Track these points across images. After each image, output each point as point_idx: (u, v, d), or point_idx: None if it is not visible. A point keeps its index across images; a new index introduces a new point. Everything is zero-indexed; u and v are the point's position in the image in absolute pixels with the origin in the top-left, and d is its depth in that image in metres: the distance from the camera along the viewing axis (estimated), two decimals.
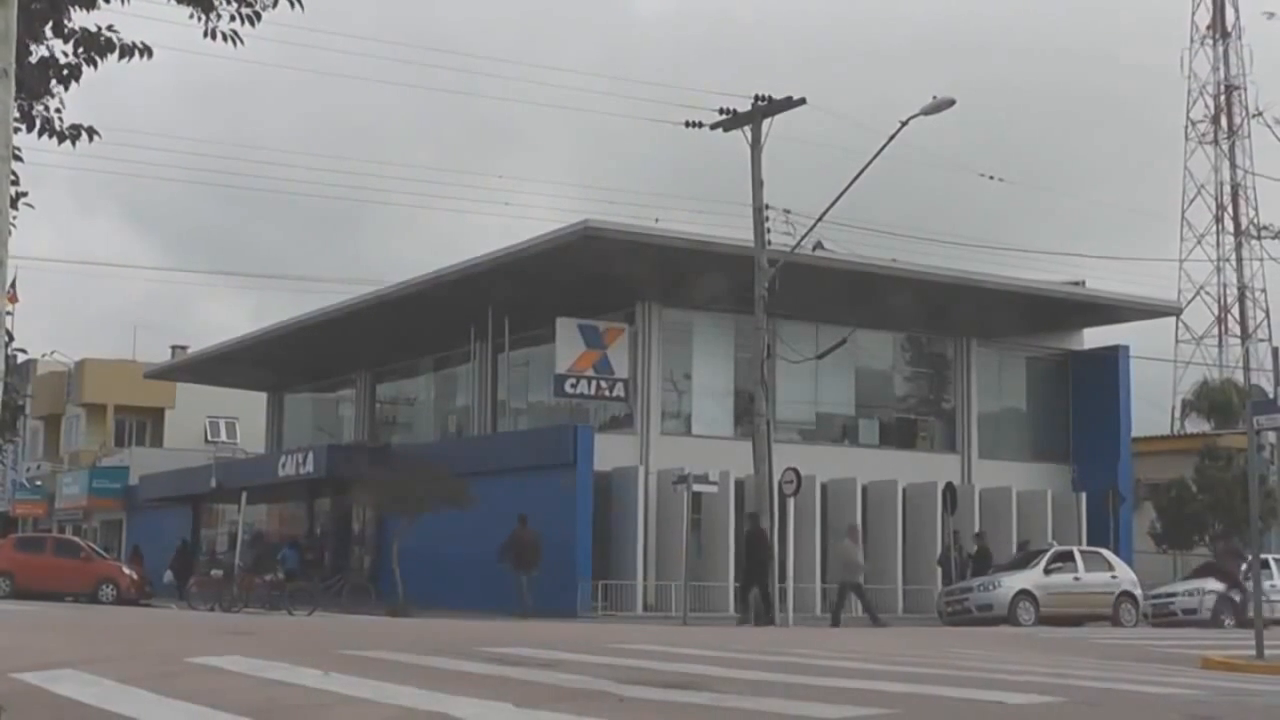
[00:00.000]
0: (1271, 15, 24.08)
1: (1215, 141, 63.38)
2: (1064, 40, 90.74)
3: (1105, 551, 31.90)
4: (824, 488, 34.20)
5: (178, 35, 10.69)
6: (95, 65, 9.42)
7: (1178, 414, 55.56)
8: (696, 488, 29.02)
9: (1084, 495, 37.35)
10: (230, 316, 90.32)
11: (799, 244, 27.77)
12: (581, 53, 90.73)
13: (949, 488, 34.33)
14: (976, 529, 33.62)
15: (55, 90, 9.51)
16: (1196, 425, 50.10)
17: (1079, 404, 39.65)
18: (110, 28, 9.39)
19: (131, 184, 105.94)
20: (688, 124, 27.97)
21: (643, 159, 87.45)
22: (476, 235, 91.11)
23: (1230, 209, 63.19)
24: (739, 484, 32.01)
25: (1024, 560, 30.76)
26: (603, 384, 33.29)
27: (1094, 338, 40.53)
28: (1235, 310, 62.70)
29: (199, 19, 9.45)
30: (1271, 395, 17.58)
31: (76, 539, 43.78)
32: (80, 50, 9.37)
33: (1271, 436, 36.28)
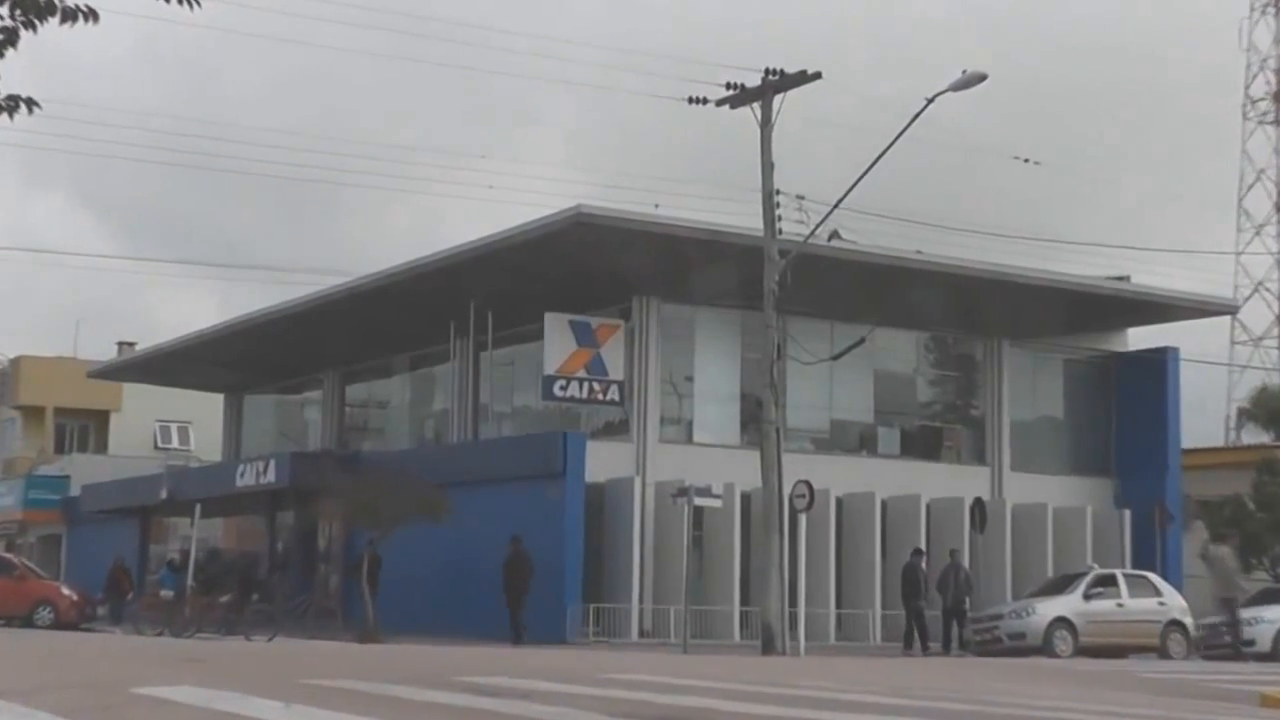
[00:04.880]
0: None
1: (1277, 121, 63.40)
2: (1111, 10, 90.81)
3: (1152, 576, 31.92)
4: (839, 502, 34.22)
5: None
6: (35, 29, 9.40)
7: (1232, 423, 55.62)
8: (698, 501, 29.04)
9: (1128, 513, 37.37)
10: (188, 310, 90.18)
11: (813, 233, 27.77)
12: (582, 22, 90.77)
13: (978, 503, 34.35)
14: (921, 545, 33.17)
15: None
16: (1254, 436, 50.08)
17: (1123, 412, 39.65)
18: None
19: (83, 162, 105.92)
20: (691, 100, 27.94)
21: (643, 139, 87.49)
22: (462, 221, 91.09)
23: None
24: (745, 498, 32.00)
25: (1060, 584, 30.77)
26: (595, 386, 33.29)
27: (1140, 338, 40.57)
28: None
29: None
30: None
31: (10, 556, 43.72)
32: (17, 12, 9.36)
33: None
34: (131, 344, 57.63)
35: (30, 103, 9.78)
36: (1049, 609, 29.18)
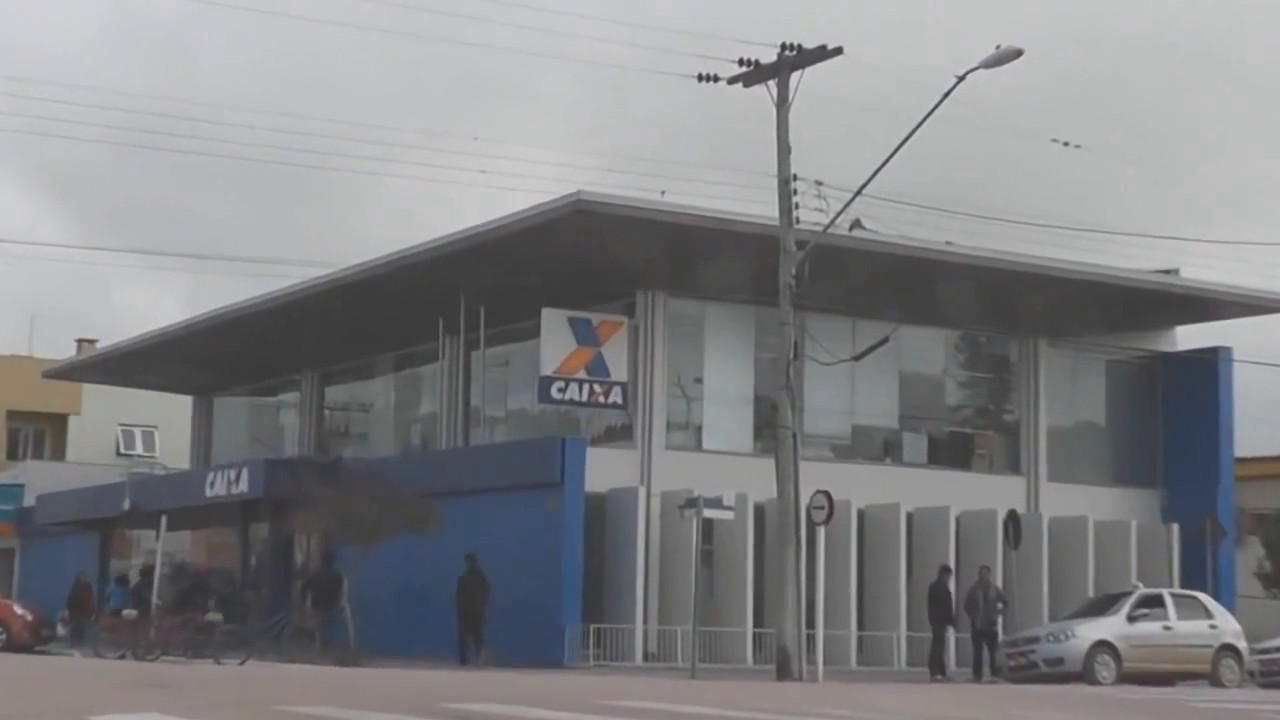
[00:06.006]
0: None
1: None
2: None
3: (1202, 596, 31.91)
4: (861, 514, 34.24)
5: None
6: None
7: None
8: (708, 513, 29.05)
9: (1176, 527, 37.35)
10: (154, 305, 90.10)
11: (833, 222, 27.77)
12: None
13: (1011, 516, 34.35)
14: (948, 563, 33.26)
15: None
16: None
17: (1171, 417, 39.63)
18: None
19: (39, 143, 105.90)
20: (701, 78, 27.97)
21: (649, 120, 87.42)
22: (452, 209, 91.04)
23: None
24: (759, 509, 32.02)
25: (1102, 605, 30.79)
26: (596, 388, 33.29)
27: (1189, 337, 40.54)
28: None
29: None
30: None
31: None
32: None
33: None
34: (92, 341, 57.61)
35: None
36: (1090, 632, 29.17)
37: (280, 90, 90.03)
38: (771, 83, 27.62)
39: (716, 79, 27.98)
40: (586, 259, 32.61)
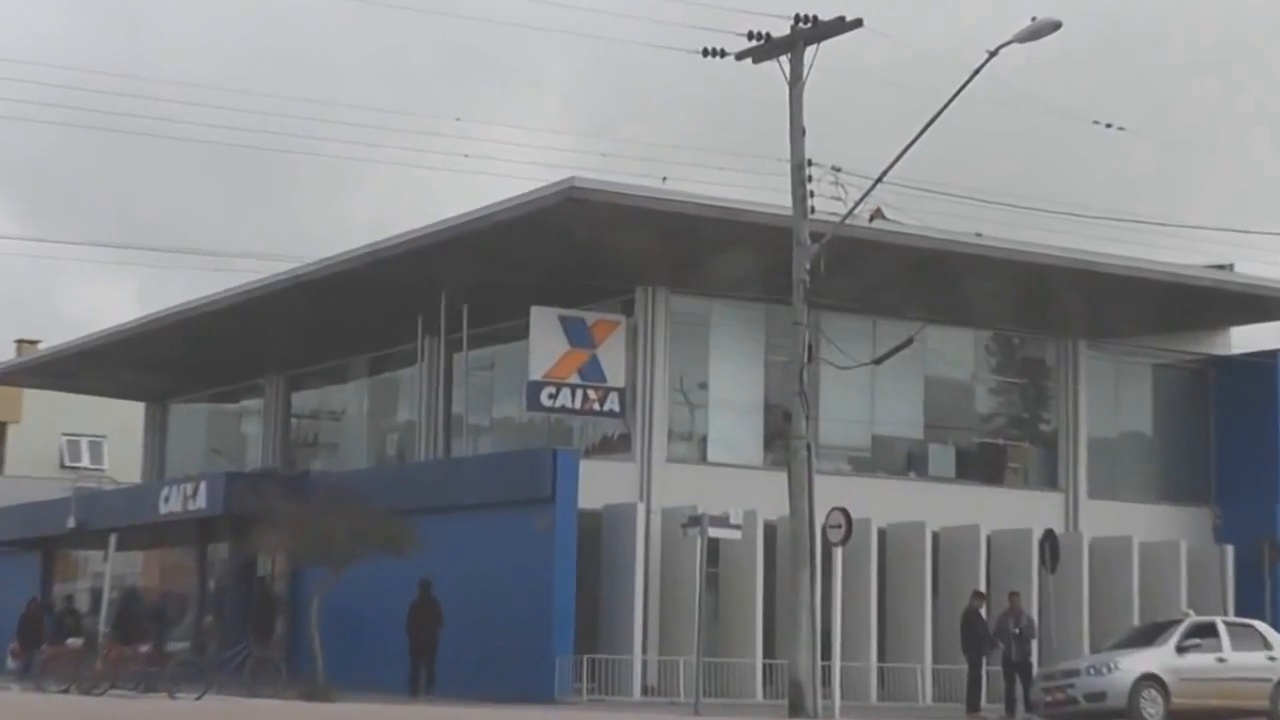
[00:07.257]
0: None
1: None
2: None
3: (1259, 624, 31.90)
4: (882, 534, 34.25)
5: None
6: None
7: None
8: (713, 532, 29.08)
9: (1230, 549, 37.39)
10: (103, 302, 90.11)
11: (851, 212, 27.78)
12: None
13: (1048, 536, 34.37)
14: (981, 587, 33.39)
15: None
16: None
17: (1224, 427, 39.63)
18: None
19: None
20: (707, 53, 27.96)
21: (649, 99, 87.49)
22: (433, 197, 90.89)
23: None
24: (770, 528, 32.04)
25: (1149, 634, 30.80)
26: (591, 394, 33.30)
27: (1246, 339, 40.57)
28: None
29: None
30: None
31: None
32: None
33: None
34: (34, 342, 57.66)
35: None
36: (1135, 664, 29.13)
37: (246, 67, 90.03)
38: (784, 58, 27.61)
39: (723, 54, 27.97)
40: (580, 252, 32.62)
